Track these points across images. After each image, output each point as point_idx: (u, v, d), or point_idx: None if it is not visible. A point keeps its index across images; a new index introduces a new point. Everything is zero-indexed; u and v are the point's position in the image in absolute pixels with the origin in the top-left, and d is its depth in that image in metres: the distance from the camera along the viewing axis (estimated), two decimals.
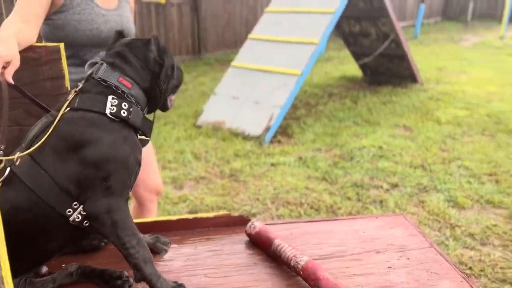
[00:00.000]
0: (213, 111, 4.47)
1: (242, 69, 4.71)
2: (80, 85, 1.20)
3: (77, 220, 1.13)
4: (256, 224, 1.45)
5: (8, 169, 1.10)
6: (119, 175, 1.17)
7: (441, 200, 2.95)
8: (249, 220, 1.52)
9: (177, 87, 1.43)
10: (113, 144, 1.16)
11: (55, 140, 1.12)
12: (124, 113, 1.20)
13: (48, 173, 1.11)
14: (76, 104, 1.16)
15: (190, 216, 1.56)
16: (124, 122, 1.20)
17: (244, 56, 4.82)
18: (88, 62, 1.25)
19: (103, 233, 1.15)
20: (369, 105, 5.26)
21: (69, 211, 1.14)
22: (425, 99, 5.52)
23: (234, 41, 8.66)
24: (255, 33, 4.97)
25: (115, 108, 1.18)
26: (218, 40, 8.65)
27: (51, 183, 1.11)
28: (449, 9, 16.22)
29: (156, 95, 1.30)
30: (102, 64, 1.22)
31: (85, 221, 1.15)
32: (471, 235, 2.56)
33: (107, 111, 1.16)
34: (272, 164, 3.57)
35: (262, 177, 3.34)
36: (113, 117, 1.16)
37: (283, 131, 4.34)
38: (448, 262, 1.38)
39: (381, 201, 2.95)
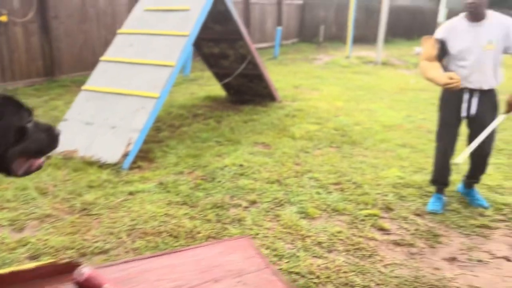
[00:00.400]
0: (64, 139, 4.09)
1: (95, 93, 4.44)
2: None
3: None
4: (85, 270, 1.32)
5: None
6: None
7: (293, 213, 3.14)
8: (78, 266, 1.38)
9: (39, 152, 1.26)
10: None
11: None
12: None
13: None
14: None
15: (6, 271, 1.36)
16: None
17: (97, 79, 4.55)
18: None
19: None
20: (232, 124, 5.41)
21: None
22: (282, 116, 5.89)
23: (93, 62, 8.16)
24: (109, 55, 4.74)
25: None
26: (74, 61, 8.08)
27: None
28: (304, 31, 17.78)
29: None
30: None
31: None
32: (319, 243, 2.76)
33: None
34: (130, 193, 3.39)
35: (118, 208, 3.15)
36: None
37: (144, 156, 4.19)
38: (281, 282, 1.43)
39: (239, 220, 3.02)
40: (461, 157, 2.96)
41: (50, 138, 1.28)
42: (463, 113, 3.11)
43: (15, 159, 1.20)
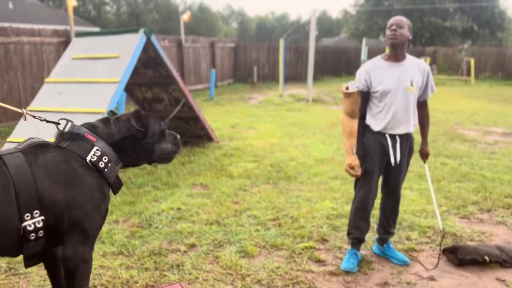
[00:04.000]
0: None
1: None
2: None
3: (28, 228, 1.39)
4: None
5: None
6: (93, 223, 1.56)
7: (233, 252, 3.15)
8: None
9: (174, 152, 2.05)
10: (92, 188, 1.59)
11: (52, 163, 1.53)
12: (101, 164, 1.64)
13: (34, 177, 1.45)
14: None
15: None
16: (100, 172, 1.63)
17: (24, 131, 4.37)
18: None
19: (65, 273, 1.46)
20: (169, 167, 5.38)
21: (27, 216, 1.40)
22: (220, 156, 5.96)
23: (19, 112, 7.82)
24: (36, 105, 4.60)
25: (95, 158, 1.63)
26: None
27: (32, 184, 1.43)
28: (238, 72, 18.32)
29: (129, 150, 1.79)
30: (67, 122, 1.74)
31: (38, 233, 1.42)
32: (259, 281, 2.79)
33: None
34: None
35: None
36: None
37: None
38: None
39: (178, 265, 2.97)
40: (439, 221, 3.06)
41: (176, 141, 2.05)
42: (392, 159, 2.87)
43: (162, 153, 1.96)
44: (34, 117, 1.77)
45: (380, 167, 2.92)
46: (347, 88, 2.93)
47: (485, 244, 3.16)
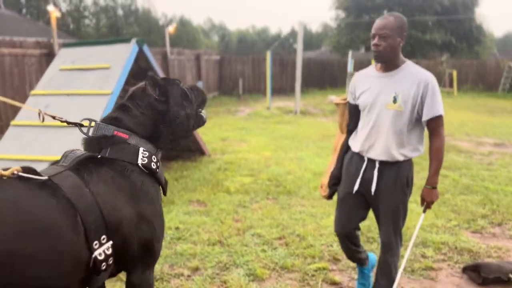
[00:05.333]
0: None
1: (7, 162, 3.94)
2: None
3: (99, 258, 1.14)
4: None
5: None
6: (160, 239, 1.35)
7: (241, 276, 2.92)
8: None
9: (203, 102, 1.70)
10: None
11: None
12: (153, 165, 1.39)
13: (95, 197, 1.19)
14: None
15: None
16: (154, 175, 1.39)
17: (9, 147, 4.07)
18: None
19: None
20: None
21: (96, 244, 1.15)
22: (214, 170, 5.73)
23: (0, 126, 7.46)
24: (21, 119, 4.30)
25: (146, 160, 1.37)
26: None
27: (95, 206, 1.18)
28: (223, 84, 18.16)
29: (165, 134, 1.50)
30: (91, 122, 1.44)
31: (108, 261, 1.17)
32: None
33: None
34: None
35: None
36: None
37: None
38: None
39: None
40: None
41: (199, 91, 1.70)
42: (355, 186, 2.39)
43: (193, 115, 1.63)
44: (54, 117, 1.49)
45: (355, 194, 2.40)
46: (344, 99, 2.65)
47: (507, 261, 3.02)
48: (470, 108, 13.63)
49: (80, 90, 4.34)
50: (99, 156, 1.32)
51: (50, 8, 8.45)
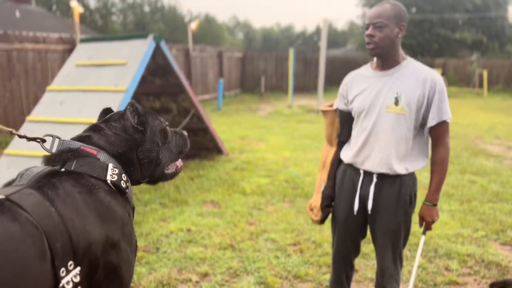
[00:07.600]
0: None
1: (19, 158, 3.92)
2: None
3: (67, 287, 1.00)
4: None
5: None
6: (130, 265, 1.16)
7: (251, 284, 2.78)
8: None
9: (180, 152, 1.47)
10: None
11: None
12: (123, 184, 1.21)
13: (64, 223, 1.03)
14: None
15: None
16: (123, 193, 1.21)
17: (22, 142, 4.04)
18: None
19: None
20: (177, 182, 5.03)
21: (63, 272, 1.00)
22: (230, 170, 5.61)
23: (22, 121, 7.54)
24: (36, 114, 4.28)
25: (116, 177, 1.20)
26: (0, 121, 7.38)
27: (62, 227, 1.02)
28: (245, 82, 18.06)
29: (134, 162, 1.30)
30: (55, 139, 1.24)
31: None
32: None
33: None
34: None
35: None
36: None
37: None
38: None
39: None
40: None
41: (183, 138, 1.50)
42: (355, 205, 2.07)
43: (167, 162, 1.40)
44: (21, 136, 1.29)
45: (354, 214, 2.08)
46: (332, 106, 2.24)
47: None
48: (501, 110, 13.08)
49: (96, 86, 4.28)
50: (63, 169, 1.16)
51: (73, 3, 8.51)
